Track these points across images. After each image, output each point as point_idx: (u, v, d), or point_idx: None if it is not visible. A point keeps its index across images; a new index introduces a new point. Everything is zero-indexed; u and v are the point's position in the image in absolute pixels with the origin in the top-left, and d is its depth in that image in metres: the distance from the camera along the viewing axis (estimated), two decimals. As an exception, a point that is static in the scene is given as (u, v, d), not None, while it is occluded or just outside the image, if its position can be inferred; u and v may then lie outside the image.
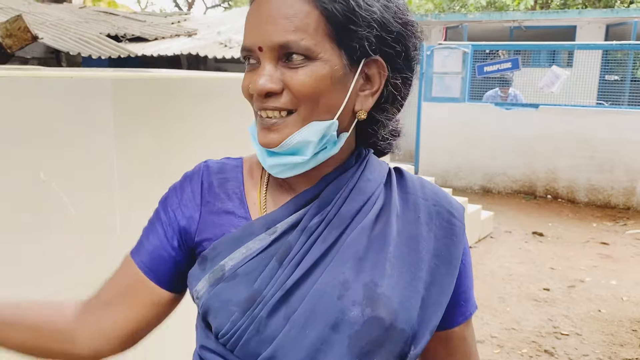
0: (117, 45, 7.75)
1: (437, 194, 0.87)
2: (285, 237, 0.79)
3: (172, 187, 0.91)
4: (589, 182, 7.20)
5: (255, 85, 0.74)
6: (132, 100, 1.91)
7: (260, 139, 0.76)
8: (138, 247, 0.88)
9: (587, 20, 9.98)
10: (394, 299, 0.76)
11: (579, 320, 3.89)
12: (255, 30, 0.74)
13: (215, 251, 0.81)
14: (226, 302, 0.77)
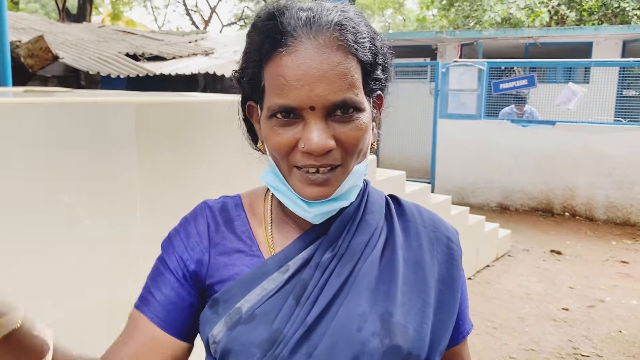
0: (135, 64, 7.89)
1: (435, 220, 0.91)
2: (299, 274, 0.80)
3: (173, 231, 0.88)
4: (608, 199, 7.11)
5: (311, 144, 0.72)
6: (154, 124, 1.95)
7: (307, 194, 0.76)
8: (147, 300, 0.83)
9: (604, 37, 9.93)
10: (409, 327, 0.78)
11: (600, 341, 3.83)
12: (302, 89, 0.72)
13: (228, 294, 0.80)
14: (247, 345, 0.76)
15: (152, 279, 0.85)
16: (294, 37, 0.73)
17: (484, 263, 5.37)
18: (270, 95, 0.75)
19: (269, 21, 0.75)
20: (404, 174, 4.01)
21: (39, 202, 1.63)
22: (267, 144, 0.78)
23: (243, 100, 0.84)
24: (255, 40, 0.77)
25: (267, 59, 0.75)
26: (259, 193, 0.91)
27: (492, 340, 3.80)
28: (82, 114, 1.74)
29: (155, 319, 0.82)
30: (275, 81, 0.73)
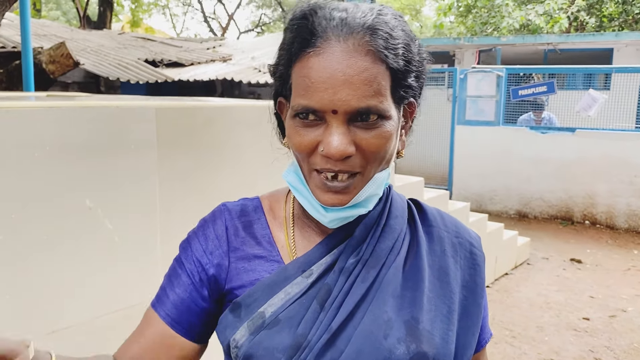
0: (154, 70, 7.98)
1: (457, 225, 0.90)
2: (323, 279, 0.79)
3: (191, 233, 0.87)
4: (629, 207, 7.00)
5: (330, 148, 0.71)
6: (174, 128, 1.96)
7: (325, 200, 0.75)
8: (161, 299, 0.83)
9: (625, 43, 9.81)
10: (435, 334, 0.77)
11: (622, 352, 3.75)
12: (326, 92, 0.70)
13: (251, 298, 0.79)
14: (270, 350, 0.75)
15: (168, 278, 0.85)
16: (323, 39, 0.71)
17: (503, 271, 5.30)
18: (295, 95, 0.74)
19: (301, 20, 0.74)
20: (422, 180, 3.99)
21: (61, 204, 1.64)
22: (290, 142, 0.78)
23: (275, 95, 0.83)
24: (287, 38, 0.76)
25: (295, 58, 0.74)
26: (280, 195, 0.90)
27: (511, 350, 3.75)
28: (104, 118, 1.75)
29: (167, 318, 0.82)
30: (300, 82, 0.73)
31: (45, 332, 1.63)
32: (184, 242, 0.87)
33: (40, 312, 1.62)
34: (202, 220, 0.88)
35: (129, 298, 1.84)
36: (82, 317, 1.71)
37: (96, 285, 1.75)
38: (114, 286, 1.80)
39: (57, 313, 1.65)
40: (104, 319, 1.77)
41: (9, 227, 1.52)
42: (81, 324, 1.71)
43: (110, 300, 1.79)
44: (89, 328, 1.74)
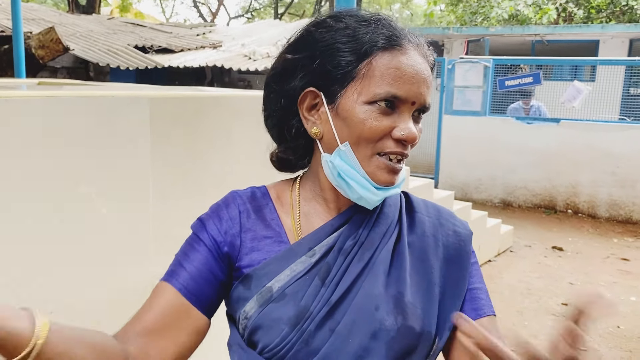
0: (144, 56, 7.97)
1: (439, 210, 1.01)
2: (324, 258, 0.88)
3: (205, 215, 0.93)
4: (610, 197, 7.16)
5: (410, 133, 0.83)
6: (167, 117, 2.03)
7: (385, 179, 0.85)
8: (176, 272, 0.87)
9: (611, 35, 9.94)
10: (417, 305, 0.87)
11: (598, 335, 3.90)
12: (412, 84, 0.83)
13: (261, 272, 0.87)
14: (277, 320, 0.84)
15: (183, 253, 0.90)
16: (405, 41, 0.84)
17: (486, 258, 5.44)
18: (379, 83, 0.82)
19: (381, 21, 0.86)
20: (408, 169, 4.09)
21: (57, 191, 1.70)
22: (357, 128, 0.83)
23: (305, 85, 0.87)
24: (357, 32, 0.84)
25: (378, 51, 0.83)
26: (285, 185, 0.99)
27: (492, 333, 3.87)
28: (100, 107, 1.81)
29: (184, 290, 0.86)
30: (389, 72, 0.82)
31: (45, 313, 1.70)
32: (198, 223, 0.93)
33: (36, 295, 1.68)
34: (215, 205, 0.95)
35: (123, 281, 1.92)
36: (77, 299, 1.78)
37: (91, 268, 1.82)
38: (109, 269, 1.87)
39: (53, 295, 1.72)
40: (99, 301, 1.84)
41: (7, 213, 1.59)
42: (77, 306, 1.79)
43: (105, 283, 1.86)
44: (85, 309, 1.81)
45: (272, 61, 0.95)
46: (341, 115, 0.84)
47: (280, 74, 0.91)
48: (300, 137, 0.92)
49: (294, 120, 0.91)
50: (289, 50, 0.90)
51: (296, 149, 0.95)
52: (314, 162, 0.95)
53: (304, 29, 0.90)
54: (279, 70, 0.91)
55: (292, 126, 0.91)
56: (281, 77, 0.90)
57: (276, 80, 0.91)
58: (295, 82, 0.88)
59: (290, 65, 0.89)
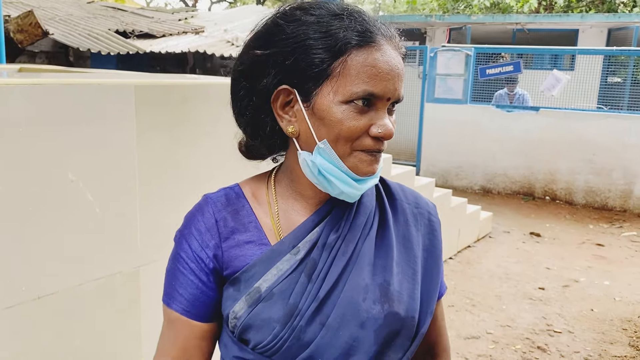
0: (125, 41, 7.87)
1: (416, 197, 1.04)
2: (309, 255, 0.89)
3: (185, 230, 0.92)
4: (587, 184, 7.32)
5: (387, 130, 0.83)
6: (153, 105, 2.05)
7: (366, 170, 0.85)
8: (176, 299, 0.91)
9: (590, 24, 10.07)
10: (403, 293, 0.91)
11: (572, 318, 4.02)
12: (387, 81, 0.82)
13: (248, 274, 0.88)
14: (267, 320, 0.85)
15: (174, 276, 0.92)
16: (378, 36, 0.83)
17: (466, 243, 5.55)
18: (355, 81, 0.81)
19: (353, 15, 0.83)
20: (390, 157, 4.15)
21: (45, 178, 1.72)
22: (335, 127, 0.82)
23: (277, 83, 0.85)
24: (329, 28, 0.82)
25: (353, 48, 0.81)
26: (259, 182, 0.97)
27: (471, 317, 3.98)
28: (86, 95, 1.83)
29: (189, 314, 0.91)
30: (365, 70, 0.81)
31: (30, 298, 1.72)
32: (180, 240, 0.92)
33: (24, 280, 1.70)
34: (190, 214, 0.93)
35: (110, 267, 1.94)
36: (65, 284, 1.81)
37: (79, 254, 1.84)
38: (96, 255, 1.89)
39: (41, 280, 1.75)
40: (86, 286, 1.87)
41: (-2, 199, 1.61)
42: (65, 291, 1.81)
43: (93, 269, 1.88)
44: (73, 294, 1.84)
45: (239, 54, 0.91)
46: (318, 114, 0.83)
47: (250, 70, 0.87)
48: (275, 135, 0.90)
49: (267, 118, 0.88)
50: (257, 44, 0.86)
51: (271, 146, 0.93)
52: (290, 158, 0.93)
53: (272, 21, 0.87)
54: (248, 66, 0.87)
55: (266, 124, 0.89)
56: (251, 73, 0.87)
57: (246, 77, 0.88)
58: (268, 80, 0.85)
59: (261, 61, 0.85)
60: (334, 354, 0.86)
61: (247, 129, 0.93)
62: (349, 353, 0.86)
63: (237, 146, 0.99)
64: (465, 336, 3.69)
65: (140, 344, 2.08)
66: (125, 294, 2.01)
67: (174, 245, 0.94)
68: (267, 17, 0.88)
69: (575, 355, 3.48)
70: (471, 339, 3.66)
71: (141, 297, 2.05)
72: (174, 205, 2.08)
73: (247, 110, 0.90)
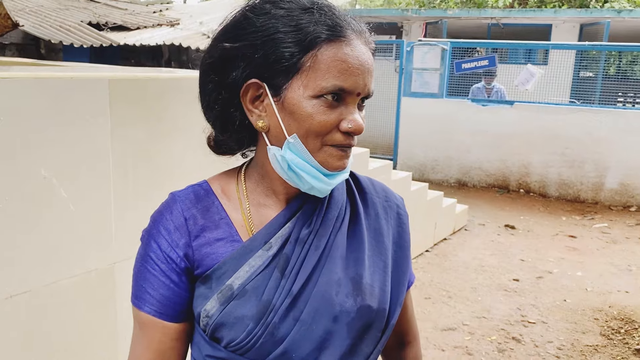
0: (98, 33, 7.73)
1: (385, 190, 1.05)
2: (282, 250, 0.88)
3: (152, 230, 0.90)
4: (560, 177, 7.46)
5: (357, 125, 0.83)
6: (126, 99, 2.02)
7: (337, 165, 0.85)
8: (148, 301, 0.89)
9: (562, 20, 10.23)
10: (375, 286, 0.92)
11: (546, 309, 4.10)
12: (357, 76, 0.82)
13: (220, 271, 0.87)
14: (240, 317, 0.84)
15: (145, 279, 0.89)
16: (348, 30, 0.82)
17: (442, 236, 5.61)
18: (325, 76, 0.80)
19: (323, 9, 0.83)
20: (368, 151, 4.15)
21: (17, 174, 1.69)
22: (305, 122, 0.82)
23: (247, 76, 0.84)
24: (299, 21, 0.81)
25: (323, 43, 0.80)
26: (229, 178, 0.96)
27: (447, 309, 4.03)
28: (59, 89, 1.79)
29: (162, 316, 0.89)
30: (335, 65, 0.80)
31: (3, 296, 1.69)
32: (148, 240, 0.90)
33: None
34: (157, 213, 0.91)
35: (85, 264, 1.92)
36: (38, 282, 1.78)
37: (53, 252, 1.81)
38: (71, 252, 1.86)
39: (14, 278, 1.71)
40: (61, 283, 1.84)
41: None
42: (38, 289, 1.78)
43: (67, 266, 1.86)
44: (47, 292, 1.81)
45: (207, 47, 0.89)
46: (288, 108, 0.82)
47: (219, 63, 0.86)
48: (244, 129, 0.89)
49: (236, 112, 0.87)
50: (226, 37, 0.85)
51: (240, 140, 0.92)
52: (259, 152, 0.92)
53: (240, 13, 0.86)
54: (217, 60, 0.86)
55: (235, 118, 0.88)
56: (220, 67, 0.86)
57: (215, 70, 0.87)
58: (237, 73, 0.84)
59: (230, 54, 0.84)
60: (308, 349, 0.86)
61: (216, 123, 0.92)
62: (322, 347, 0.86)
63: (205, 141, 0.98)
64: (442, 328, 3.74)
65: (116, 342, 2.06)
66: (100, 291, 1.98)
67: (140, 245, 0.92)
68: (236, 10, 0.87)
69: (548, 345, 3.56)
70: (448, 330, 3.71)
71: (117, 294, 2.03)
72: (150, 201, 2.05)
73: (216, 104, 0.88)
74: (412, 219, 3.36)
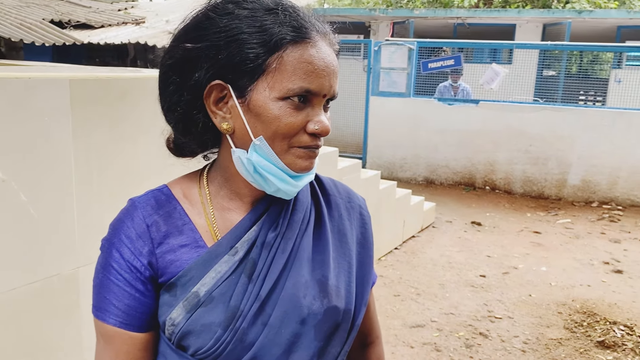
0: (61, 32, 7.56)
1: (348, 192, 1.06)
2: (248, 254, 0.87)
3: (113, 238, 0.87)
4: (525, 174, 7.62)
5: (324, 127, 0.83)
6: (89, 99, 1.97)
7: (304, 166, 0.85)
8: (107, 309, 0.86)
9: (526, 19, 10.45)
10: (341, 287, 0.92)
11: (512, 304, 4.19)
12: (323, 78, 0.82)
13: (185, 278, 0.85)
14: (208, 325, 0.83)
15: (108, 290, 0.86)
16: (313, 32, 0.82)
17: (410, 234, 5.66)
18: (292, 78, 0.80)
19: (287, 10, 0.82)
20: (337, 150, 4.16)
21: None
22: (272, 124, 0.81)
23: (211, 77, 0.83)
24: (263, 22, 0.80)
25: (288, 44, 0.80)
26: (190, 182, 0.94)
27: (416, 306, 4.08)
28: (16, 89, 1.74)
29: (129, 327, 0.86)
30: (301, 67, 0.80)
31: (-39, 303, 1.64)
32: (109, 249, 0.87)
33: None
34: (117, 221, 0.88)
35: (47, 269, 1.87)
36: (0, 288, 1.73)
37: (12, 257, 1.76)
38: (31, 257, 1.82)
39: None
40: (20, 290, 1.79)
41: None
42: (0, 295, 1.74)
43: (27, 272, 1.81)
44: (5, 300, 1.76)
45: (167, 47, 0.87)
46: (253, 110, 0.81)
47: (180, 64, 0.84)
48: (208, 132, 0.87)
49: (199, 114, 0.86)
50: (188, 37, 0.83)
51: (203, 142, 0.91)
52: (223, 155, 0.90)
53: (202, 13, 0.84)
54: (178, 60, 0.84)
55: (198, 120, 0.86)
56: (182, 68, 0.84)
57: (176, 71, 0.84)
58: (200, 75, 0.82)
59: (192, 55, 0.82)
60: (277, 353, 0.85)
61: (177, 126, 0.89)
62: (291, 350, 0.86)
63: (165, 143, 0.96)
64: (411, 325, 3.78)
65: (81, 351, 2.01)
66: (64, 297, 1.94)
67: (100, 254, 0.88)
68: (197, 9, 0.85)
69: (514, 340, 3.63)
70: (416, 327, 3.75)
71: (81, 300, 1.99)
72: (114, 204, 2.01)
73: (178, 106, 0.86)
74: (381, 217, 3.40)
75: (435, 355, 3.40)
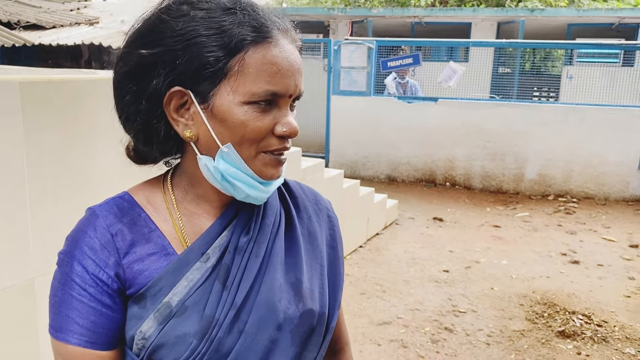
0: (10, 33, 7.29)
1: (314, 194, 1.04)
2: (221, 260, 0.83)
3: (73, 252, 0.81)
4: (483, 169, 7.77)
5: (292, 129, 0.80)
6: (41, 103, 1.90)
7: (272, 174, 0.82)
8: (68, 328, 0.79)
9: (481, 18, 10.66)
10: (314, 290, 0.90)
11: (475, 298, 4.26)
12: (288, 78, 0.79)
13: (155, 288, 0.80)
14: (182, 336, 0.79)
15: (70, 307, 0.80)
16: (274, 30, 0.79)
17: (374, 231, 5.70)
18: (256, 81, 0.77)
19: (246, 9, 0.78)
20: (300, 150, 4.14)
21: None
22: (239, 130, 0.78)
23: (164, 86, 0.78)
24: (222, 23, 0.77)
25: (250, 45, 0.77)
26: (153, 187, 0.89)
27: (382, 303, 4.10)
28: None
29: (95, 345, 0.80)
30: (265, 68, 0.77)
31: None
32: (70, 263, 0.80)
33: None
34: (77, 232, 0.82)
35: (1, 281, 1.79)
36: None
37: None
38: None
39: None
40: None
41: None
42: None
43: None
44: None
45: (120, 53, 0.82)
46: (218, 116, 0.78)
47: (136, 71, 0.79)
48: (170, 139, 0.83)
49: (160, 123, 0.81)
50: (142, 43, 0.78)
51: (166, 151, 0.86)
52: (187, 161, 0.86)
53: (155, 16, 0.79)
54: (133, 68, 0.79)
55: (160, 129, 0.81)
56: (138, 75, 0.79)
57: (132, 79, 0.79)
58: (158, 82, 0.78)
59: (148, 61, 0.78)
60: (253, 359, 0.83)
61: (138, 136, 0.84)
62: (268, 357, 0.84)
63: (124, 151, 0.90)
64: (378, 322, 3.79)
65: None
66: (19, 309, 1.86)
67: (58, 269, 0.82)
68: (148, 12, 0.81)
69: (479, 333, 3.69)
70: (383, 324, 3.77)
71: (38, 312, 1.91)
72: (71, 209, 1.95)
73: (137, 116, 0.81)
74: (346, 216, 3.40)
75: (402, 352, 3.42)
